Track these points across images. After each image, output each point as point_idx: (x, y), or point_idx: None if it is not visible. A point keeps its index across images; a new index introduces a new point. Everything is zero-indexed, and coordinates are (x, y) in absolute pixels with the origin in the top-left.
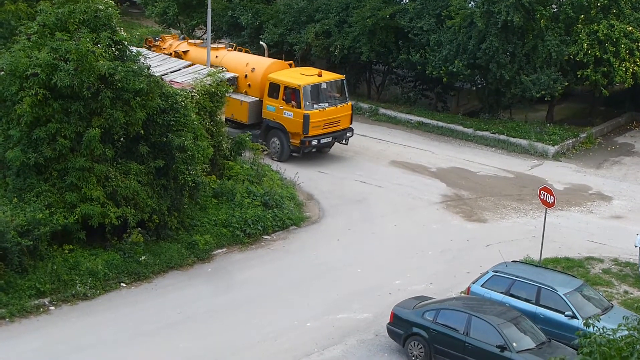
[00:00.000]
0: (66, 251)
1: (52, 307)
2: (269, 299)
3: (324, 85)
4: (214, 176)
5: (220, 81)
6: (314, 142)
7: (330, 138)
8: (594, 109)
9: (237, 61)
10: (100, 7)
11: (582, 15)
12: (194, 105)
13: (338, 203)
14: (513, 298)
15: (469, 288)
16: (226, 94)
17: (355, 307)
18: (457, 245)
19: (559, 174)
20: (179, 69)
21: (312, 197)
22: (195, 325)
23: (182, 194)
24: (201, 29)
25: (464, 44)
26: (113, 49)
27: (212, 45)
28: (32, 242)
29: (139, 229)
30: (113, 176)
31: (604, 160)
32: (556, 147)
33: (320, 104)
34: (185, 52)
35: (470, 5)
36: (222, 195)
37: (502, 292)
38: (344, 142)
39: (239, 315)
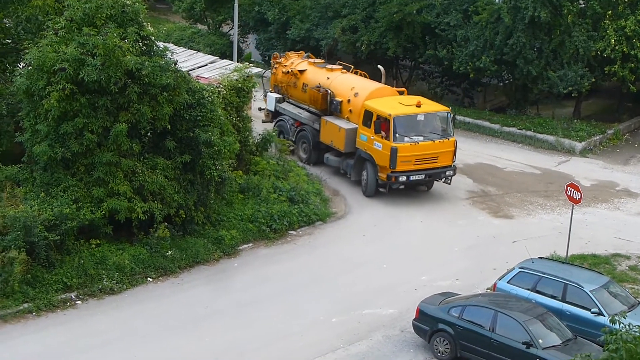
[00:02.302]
0: (93, 246)
1: (78, 302)
2: (294, 294)
3: (420, 117)
4: (240, 171)
5: (247, 77)
6: (402, 179)
7: (424, 176)
8: (621, 105)
9: (345, 85)
10: (128, 2)
11: (610, 11)
12: (220, 100)
13: (364, 199)
14: (539, 294)
15: (495, 284)
16: (326, 119)
17: (380, 302)
18: (483, 241)
19: (586, 170)
20: (206, 64)
21: (338, 193)
22: (221, 320)
23: (208, 189)
24: (228, 24)
25: (491, 39)
26: (140, 44)
27: (327, 66)
28: (59, 237)
29: (166, 224)
30: (140, 171)
31: (631, 156)
32: (583, 143)
33: (414, 137)
34: (301, 71)
35: (497, 0)
36: (249, 190)
37: (528, 289)
38: (446, 181)
39: (265, 310)
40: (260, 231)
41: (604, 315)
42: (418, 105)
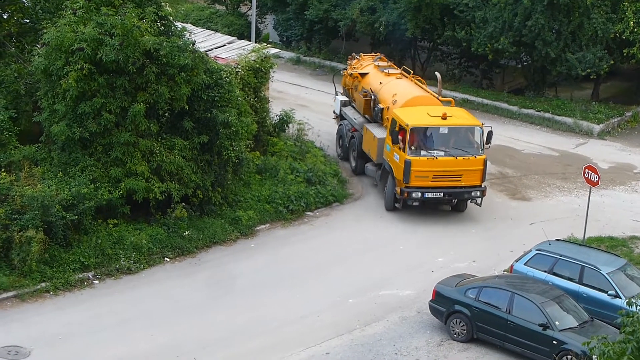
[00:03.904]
0: (110, 225)
1: (96, 281)
2: (311, 274)
3: (443, 130)
4: (257, 152)
5: (265, 57)
6: (415, 195)
7: (442, 194)
8: (639, 87)
9: (391, 91)
10: None
11: None
12: (238, 81)
13: None
14: (556, 277)
15: (512, 266)
16: (367, 126)
17: (397, 284)
18: (500, 223)
19: (604, 152)
20: (224, 45)
21: (355, 175)
22: (239, 300)
23: (225, 170)
24: (246, 4)
25: (510, 21)
26: (158, 24)
27: (386, 70)
28: (76, 217)
29: (183, 204)
30: (158, 151)
31: None
32: (601, 125)
33: (432, 151)
34: (363, 74)
35: None
36: (266, 171)
37: (545, 271)
38: (473, 201)
39: (281, 291)
40: (277, 212)
41: (620, 298)
42: (444, 117)
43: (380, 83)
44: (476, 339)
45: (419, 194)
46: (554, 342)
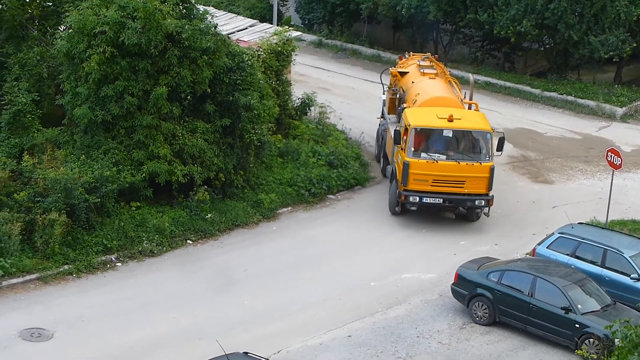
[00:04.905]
0: (133, 208)
1: (118, 264)
2: (333, 258)
3: (447, 133)
4: (279, 135)
5: (287, 40)
6: (413, 199)
7: (441, 200)
8: None
9: (417, 90)
10: None
11: None
12: (260, 64)
13: None
14: (578, 260)
15: (534, 249)
16: (391, 126)
17: (419, 267)
18: (523, 206)
19: (627, 135)
20: (246, 28)
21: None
22: (261, 283)
23: (248, 153)
24: None
25: (532, 3)
26: (180, 7)
27: (423, 70)
28: (99, 199)
29: (205, 187)
30: (180, 134)
31: None
32: (624, 108)
33: (434, 154)
34: (403, 73)
35: None
36: (288, 154)
37: (567, 254)
38: (480, 212)
39: (303, 274)
40: (299, 195)
41: None
42: (450, 120)
43: (413, 82)
44: (498, 322)
45: (417, 198)
46: (576, 325)
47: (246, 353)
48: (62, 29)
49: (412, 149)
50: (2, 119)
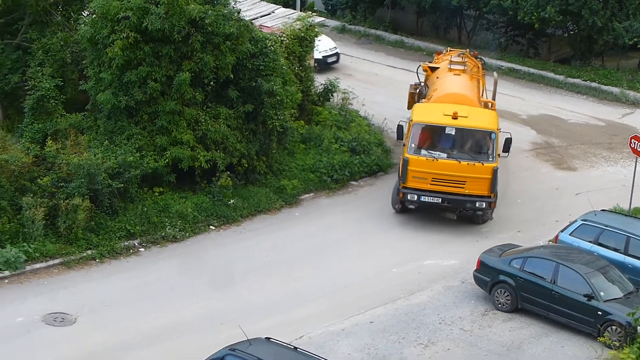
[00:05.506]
0: (156, 194)
1: (141, 249)
2: (355, 244)
3: (449, 130)
4: (302, 121)
5: (310, 26)
6: (411, 197)
7: (440, 200)
8: None
9: (436, 86)
10: None
11: None
12: (283, 49)
13: None
14: (601, 247)
15: (557, 236)
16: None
17: (441, 253)
18: (546, 193)
19: None
20: (269, 13)
21: (400, 144)
22: (283, 269)
23: (270, 139)
24: None
25: None
26: None
27: (451, 67)
28: (122, 185)
29: (228, 172)
30: (203, 120)
31: None
32: None
33: (434, 152)
34: (433, 69)
35: None
36: (310, 140)
37: (590, 241)
38: (480, 214)
39: (325, 260)
40: (322, 181)
41: None
42: (454, 117)
43: (437, 78)
44: (520, 309)
45: (415, 196)
46: (599, 312)
47: (268, 338)
48: (85, 15)
49: (412, 145)
50: (25, 104)
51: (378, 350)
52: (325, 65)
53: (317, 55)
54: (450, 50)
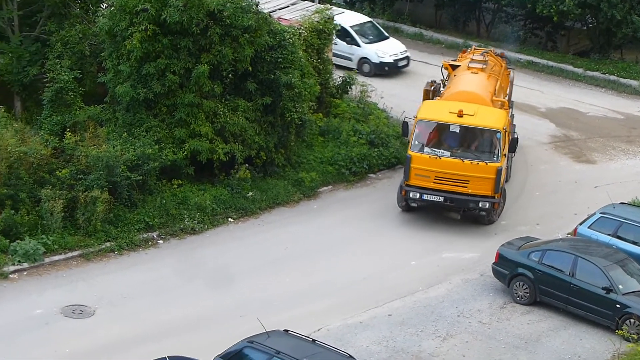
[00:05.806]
0: (175, 186)
1: (160, 241)
2: (373, 236)
3: (454, 128)
4: (320, 114)
5: (328, 19)
6: (413, 195)
7: (442, 198)
8: None
9: (451, 84)
10: None
11: None
12: (301, 42)
13: None
14: (620, 240)
15: (575, 229)
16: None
17: (460, 246)
18: (564, 186)
19: None
20: (287, 6)
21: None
22: (301, 262)
23: (288, 132)
24: None
25: None
26: None
27: (469, 65)
28: (141, 177)
29: (247, 165)
30: (221, 112)
31: None
32: None
33: (437, 150)
34: (454, 67)
35: None
36: (328, 133)
37: (609, 234)
38: (483, 214)
39: (344, 253)
40: (340, 174)
41: None
42: (459, 115)
43: (454, 75)
44: (539, 302)
45: (417, 194)
46: (617, 305)
47: (287, 331)
48: (104, 7)
49: (416, 142)
50: (44, 96)
51: (396, 343)
52: (396, 69)
53: (388, 59)
54: (475, 49)
